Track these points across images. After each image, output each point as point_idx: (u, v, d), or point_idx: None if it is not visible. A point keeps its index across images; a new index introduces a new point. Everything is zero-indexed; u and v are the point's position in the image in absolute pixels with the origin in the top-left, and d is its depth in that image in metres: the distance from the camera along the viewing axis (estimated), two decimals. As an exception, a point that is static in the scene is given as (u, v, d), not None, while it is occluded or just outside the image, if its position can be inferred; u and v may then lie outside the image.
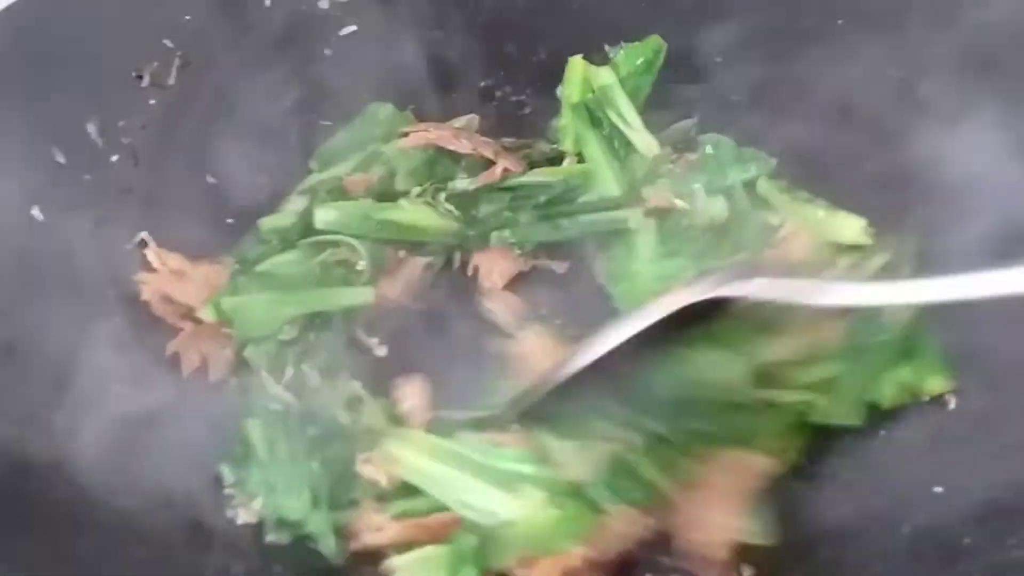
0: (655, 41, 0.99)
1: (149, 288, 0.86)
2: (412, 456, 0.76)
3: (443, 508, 0.74)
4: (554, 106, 1.01)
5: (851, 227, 0.89)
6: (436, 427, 0.81)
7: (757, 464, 0.76)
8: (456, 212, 0.93)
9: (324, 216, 0.89)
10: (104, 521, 0.68)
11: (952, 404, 0.80)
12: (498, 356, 0.85)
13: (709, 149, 0.97)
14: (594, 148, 0.97)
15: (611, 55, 1.00)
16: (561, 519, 0.72)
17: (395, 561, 0.73)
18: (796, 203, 0.92)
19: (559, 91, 1.01)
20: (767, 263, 0.88)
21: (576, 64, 1.00)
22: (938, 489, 0.73)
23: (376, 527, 0.74)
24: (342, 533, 0.74)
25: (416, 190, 0.94)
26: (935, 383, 0.80)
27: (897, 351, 0.81)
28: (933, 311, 0.82)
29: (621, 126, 0.97)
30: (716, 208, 0.93)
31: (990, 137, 0.82)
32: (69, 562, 0.63)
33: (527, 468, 0.74)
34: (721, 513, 0.74)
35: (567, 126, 1.00)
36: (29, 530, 0.65)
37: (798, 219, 0.91)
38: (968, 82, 0.84)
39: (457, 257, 0.94)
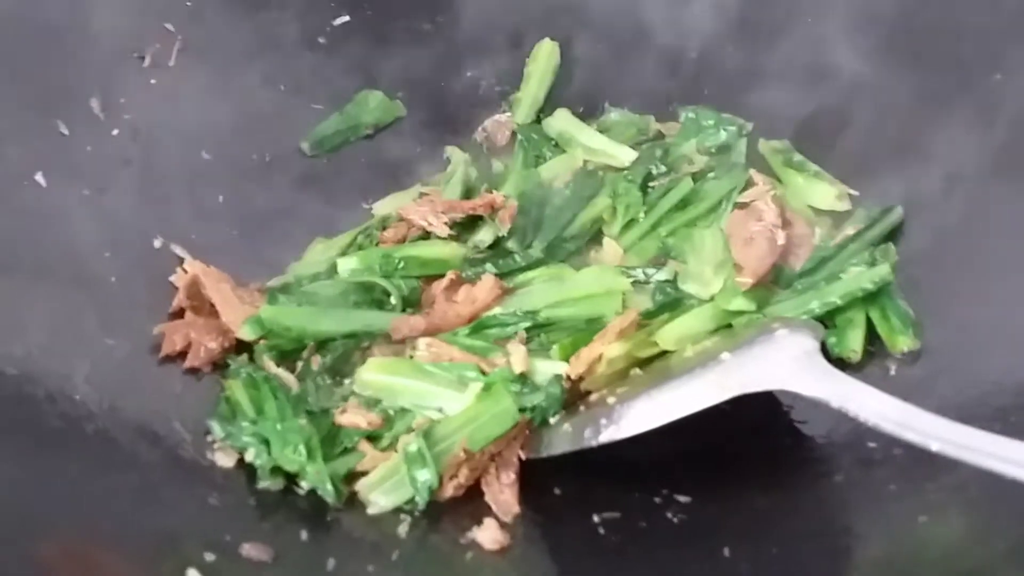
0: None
1: (184, 281, 0.88)
2: (378, 377, 0.82)
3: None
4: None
5: (826, 194, 0.95)
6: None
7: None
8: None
9: (346, 266, 0.92)
10: (92, 448, 0.72)
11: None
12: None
13: (691, 114, 1.03)
14: None
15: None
16: (492, 404, 0.77)
17: (360, 485, 0.77)
18: (786, 167, 0.97)
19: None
20: None
21: (545, 45, 1.08)
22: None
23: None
24: (339, 480, 0.77)
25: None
26: (902, 341, 0.83)
27: (862, 307, 0.85)
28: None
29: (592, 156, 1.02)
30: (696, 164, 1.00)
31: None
32: (56, 479, 0.68)
33: (472, 371, 0.80)
34: None
35: (523, 99, 1.07)
36: (24, 452, 0.69)
37: (774, 183, 0.96)
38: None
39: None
